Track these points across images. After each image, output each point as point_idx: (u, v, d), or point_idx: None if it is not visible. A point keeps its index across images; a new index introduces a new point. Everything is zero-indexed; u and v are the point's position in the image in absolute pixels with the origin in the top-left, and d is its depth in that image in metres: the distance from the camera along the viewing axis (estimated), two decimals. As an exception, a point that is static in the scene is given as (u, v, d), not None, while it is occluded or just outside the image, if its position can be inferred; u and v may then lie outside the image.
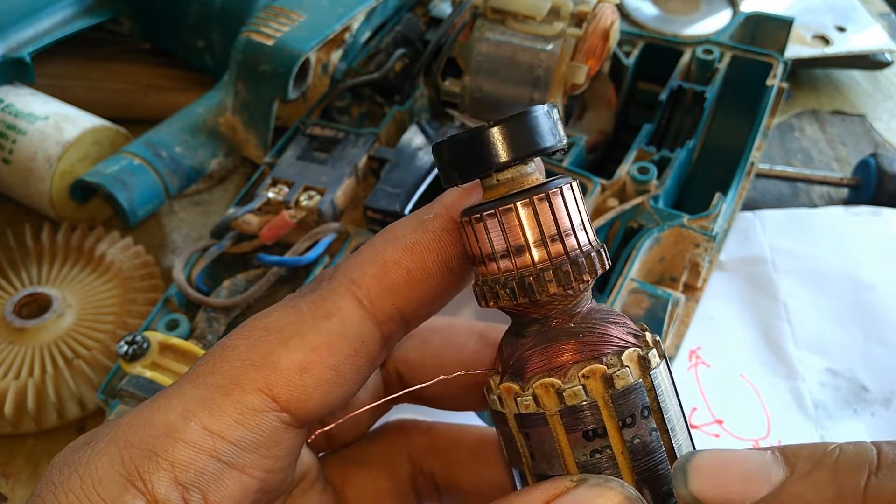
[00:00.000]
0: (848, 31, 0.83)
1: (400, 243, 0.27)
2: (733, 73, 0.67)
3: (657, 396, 0.25)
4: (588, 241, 0.26)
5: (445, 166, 0.26)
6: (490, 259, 0.25)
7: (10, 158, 0.64)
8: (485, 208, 0.25)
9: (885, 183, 0.71)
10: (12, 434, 0.55)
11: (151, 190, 0.62)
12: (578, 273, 0.25)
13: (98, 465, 0.24)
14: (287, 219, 0.56)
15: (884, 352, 0.60)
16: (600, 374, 0.24)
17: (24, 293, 0.60)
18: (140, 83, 0.78)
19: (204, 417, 0.25)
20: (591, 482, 0.24)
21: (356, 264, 0.27)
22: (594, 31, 0.60)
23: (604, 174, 0.59)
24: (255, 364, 0.25)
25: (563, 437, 0.25)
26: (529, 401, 0.25)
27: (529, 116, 0.25)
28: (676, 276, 0.58)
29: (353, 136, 0.62)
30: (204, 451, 0.24)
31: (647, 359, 0.25)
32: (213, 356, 0.26)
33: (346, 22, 0.68)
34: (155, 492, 0.23)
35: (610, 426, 0.24)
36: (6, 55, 0.67)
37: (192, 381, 0.26)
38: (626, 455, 0.24)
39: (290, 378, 0.25)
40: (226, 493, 0.25)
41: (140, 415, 0.25)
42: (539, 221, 0.25)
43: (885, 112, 0.85)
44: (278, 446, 0.26)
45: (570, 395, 0.24)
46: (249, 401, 0.25)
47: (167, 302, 0.55)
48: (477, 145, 0.25)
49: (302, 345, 0.26)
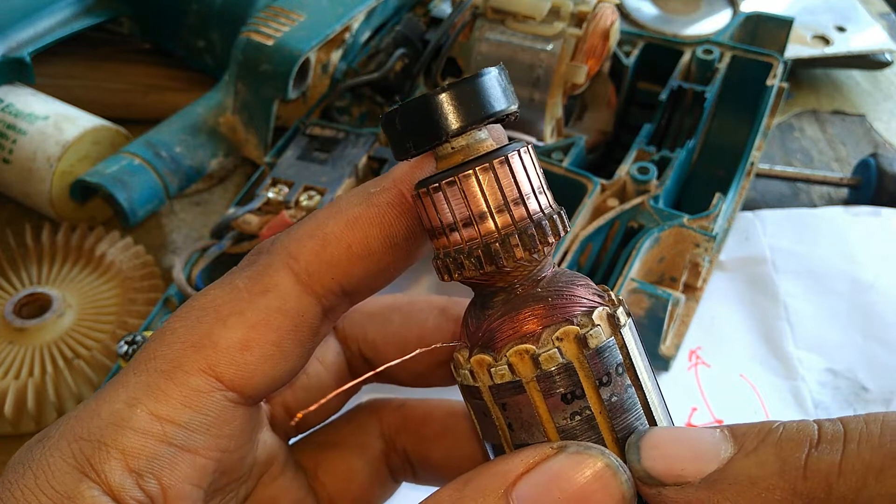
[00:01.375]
0: (848, 31, 0.83)
1: (342, 217, 0.26)
2: (733, 73, 0.67)
3: (629, 353, 0.25)
4: (549, 203, 0.25)
5: (398, 137, 0.25)
6: (451, 229, 0.25)
7: (10, 158, 0.64)
8: (442, 177, 0.24)
9: (885, 183, 0.71)
10: (12, 434, 0.55)
11: (151, 190, 0.62)
12: (543, 236, 0.24)
13: (50, 460, 0.24)
14: (287, 219, 0.56)
15: (884, 352, 0.60)
16: (573, 335, 0.24)
17: (24, 293, 0.60)
18: (140, 83, 0.78)
19: (150, 403, 0.24)
20: (571, 449, 0.24)
21: (295, 237, 0.26)
22: (594, 31, 0.60)
23: (604, 174, 0.59)
24: (195, 345, 0.25)
25: (541, 402, 0.24)
26: (504, 370, 0.24)
27: (480, 80, 0.24)
28: (676, 276, 0.58)
29: (353, 136, 0.62)
30: (153, 436, 0.24)
31: (616, 316, 0.25)
32: (154, 341, 0.26)
33: (346, 22, 0.68)
34: (109, 481, 0.23)
35: (587, 386, 0.24)
36: (6, 55, 0.67)
37: (134, 369, 0.26)
38: (605, 414, 0.24)
39: (231, 357, 0.25)
40: (180, 476, 0.25)
41: (87, 407, 0.25)
42: (500, 186, 0.24)
43: (885, 112, 0.85)
44: (229, 425, 0.26)
45: (546, 359, 0.24)
46: (193, 382, 0.25)
47: (167, 302, 0.55)
48: (430, 112, 0.24)
49: (240, 322, 0.25)
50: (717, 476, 0.23)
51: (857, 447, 0.21)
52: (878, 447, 0.21)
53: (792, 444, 0.22)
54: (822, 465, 0.21)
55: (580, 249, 0.56)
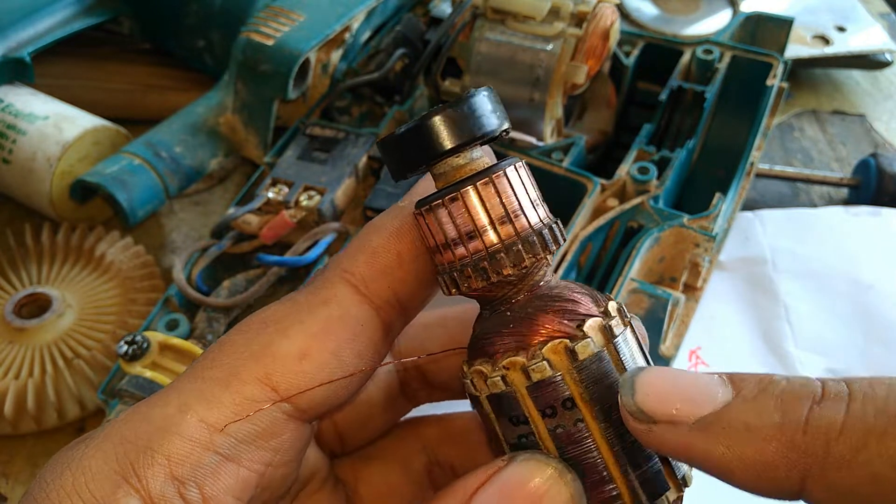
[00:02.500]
0: (848, 31, 0.83)
1: (385, 230, 0.27)
2: (733, 73, 0.67)
3: (623, 363, 0.25)
4: (539, 218, 0.26)
5: (391, 163, 0.26)
6: (445, 248, 0.26)
7: (10, 158, 0.64)
8: (433, 198, 0.25)
9: (885, 183, 0.71)
10: (12, 434, 0.55)
11: (151, 190, 0.62)
12: (531, 251, 0.25)
13: (91, 462, 0.23)
14: (287, 219, 0.56)
15: (884, 352, 0.60)
16: (563, 348, 0.25)
17: (24, 293, 0.60)
18: (140, 83, 0.78)
19: (201, 410, 0.24)
20: (520, 458, 0.24)
21: (346, 255, 0.27)
22: (594, 31, 0.60)
23: (604, 174, 0.59)
24: (254, 355, 0.25)
25: (534, 412, 0.25)
26: (499, 380, 0.25)
27: (468, 103, 0.25)
28: (676, 276, 0.58)
29: (353, 136, 0.62)
30: (200, 444, 0.24)
31: (610, 327, 0.25)
32: (212, 352, 0.26)
33: (346, 22, 0.68)
34: (150, 487, 0.23)
35: (578, 396, 0.25)
36: (6, 55, 0.67)
37: (190, 377, 0.26)
38: (598, 426, 0.25)
39: (289, 366, 0.25)
40: (223, 487, 0.24)
41: (137, 410, 0.25)
42: (486, 205, 0.25)
43: (885, 112, 0.85)
44: (278, 438, 0.26)
45: (536, 371, 0.24)
46: (248, 391, 0.25)
47: (167, 302, 0.55)
48: (419, 137, 0.25)
49: (301, 332, 0.26)
50: (712, 419, 0.22)
51: (861, 407, 0.21)
52: (882, 410, 0.20)
53: (794, 398, 0.22)
54: (823, 421, 0.21)
55: (580, 249, 0.56)
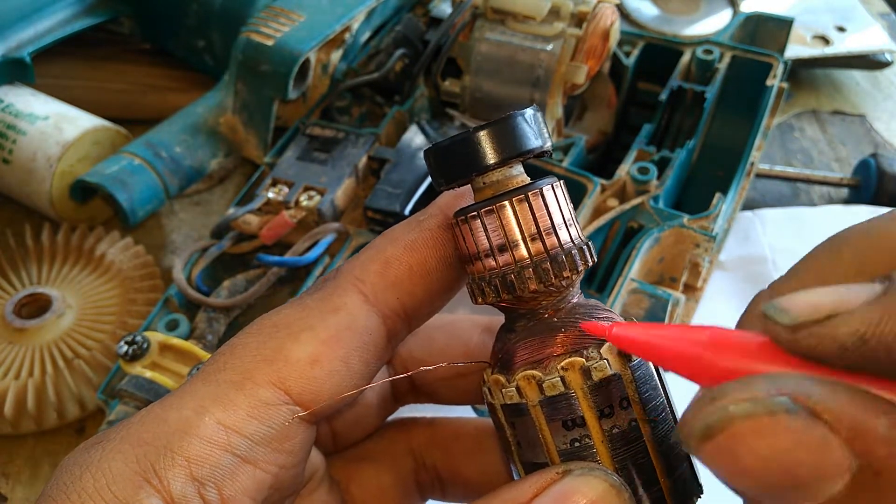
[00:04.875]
0: (848, 31, 0.83)
1: (400, 242, 0.28)
2: (733, 73, 0.67)
3: (638, 388, 0.26)
4: (570, 238, 0.26)
5: (434, 171, 0.27)
6: (477, 258, 0.27)
7: (10, 158, 0.64)
8: (471, 210, 0.26)
9: (885, 183, 0.71)
10: (12, 434, 0.55)
11: (151, 190, 0.62)
12: (558, 270, 0.26)
13: (111, 464, 0.24)
14: (287, 219, 0.56)
15: (884, 352, 0.60)
16: (578, 367, 0.25)
17: (24, 293, 0.60)
18: (140, 83, 0.78)
19: (217, 412, 0.25)
20: (576, 472, 0.25)
21: (359, 263, 0.28)
22: (594, 31, 0.60)
23: (604, 174, 0.59)
24: (267, 359, 0.26)
25: (544, 426, 0.26)
26: (513, 392, 0.26)
27: (512, 121, 0.26)
28: (676, 276, 0.58)
29: (353, 136, 0.62)
30: (218, 445, 0.24)
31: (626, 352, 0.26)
32: (224, 354, 0.27)
33: (346, 22, 0.68)
34: (171, 488, 0.24)
35: (589, 416, 0.25)
36: (6, 55, 0.67)
37: (203, 379, 0.26)
38: (606, 444, 0.25)
39: (301, 371, 0.26)
40: (240, 488, 0.25)
41: (153, 412, 0.25)
42: (520, 221, 0.26)
43: (885, 112, 0.85)
44: (290, 440, 0.26)
45: (550, 386, 0.25)
46: (262, 394, 0.25)
47: (167, 302, 0.55)
48: (463, 150, 0.26)
49: (312, 338, 0.26)
50: (874, 303, 0.18)
51: None
52: None
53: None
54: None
55: (580, 249, 0.56)
